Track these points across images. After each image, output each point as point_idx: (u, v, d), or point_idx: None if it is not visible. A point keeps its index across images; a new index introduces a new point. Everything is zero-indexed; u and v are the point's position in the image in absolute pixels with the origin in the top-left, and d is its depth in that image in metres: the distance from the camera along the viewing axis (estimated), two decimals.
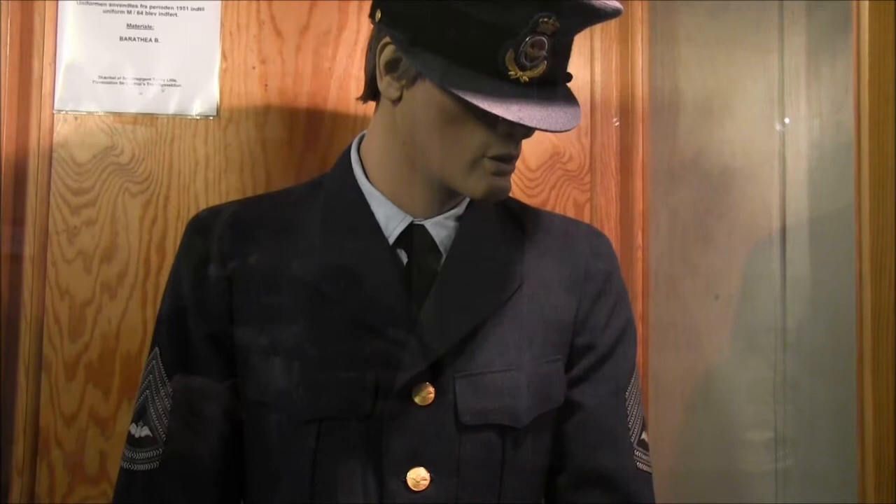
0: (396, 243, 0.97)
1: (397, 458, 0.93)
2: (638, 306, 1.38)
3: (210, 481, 0.99)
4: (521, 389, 0.96)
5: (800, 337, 1.27)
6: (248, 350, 0.97)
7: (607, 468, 1.02)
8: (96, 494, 1.29)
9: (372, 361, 0.93)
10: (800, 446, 1.27)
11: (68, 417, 1.30)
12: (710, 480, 1.36)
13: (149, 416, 0.99)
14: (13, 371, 1.29)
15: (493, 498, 0.97)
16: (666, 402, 1.40)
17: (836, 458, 1.20)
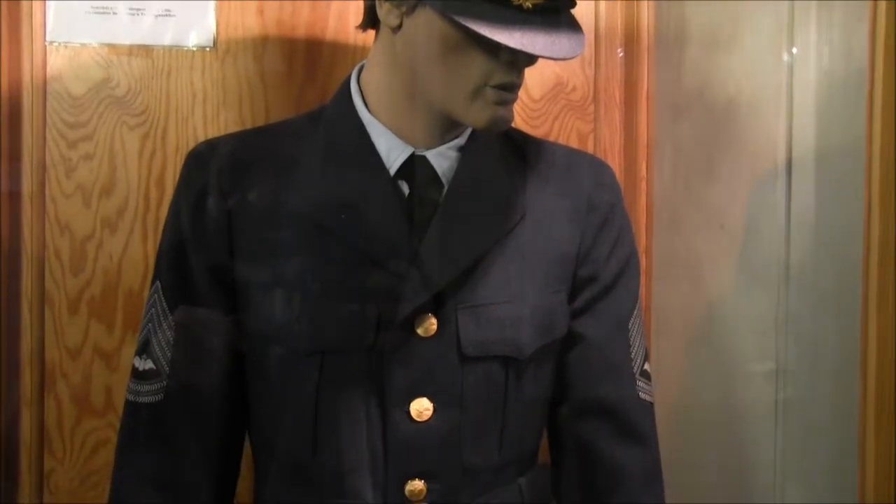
0: (398, 174, 0.96)
1: (400, 390, 0.93)
2: (641, 238, 1.37)
3: (214, 413, 0.99)
4: (524, 321, 0.96)
5: (803, 270, 1.27)
6: (248, 284, 0.97)
7: (609, 398, 1.03)
8: (103, 426, 1.30)
9: (374, 293, 0.93)
10: (800, 378, 1.27)
11: (73, 351, 1.30)
12: (710, 410, 1.37)
13: (152, 349, 0.99)
14: (16, 306, 1.29)
15: (496, 428, 0.97)
16: (668, 334, 1.40)
17: (836, 390, 1.21)
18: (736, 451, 1.34)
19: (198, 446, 0.98)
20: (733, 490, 1.34)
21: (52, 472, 1.30)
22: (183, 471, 0.98)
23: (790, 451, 1.27)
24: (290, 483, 0.99)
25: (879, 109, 0.97)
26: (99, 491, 1.30)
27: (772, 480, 1.29)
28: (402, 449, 0.94)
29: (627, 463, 1.02)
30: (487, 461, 0.97)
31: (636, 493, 1.02)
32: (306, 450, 0.96)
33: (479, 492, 0.98)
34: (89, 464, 1.30)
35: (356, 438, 0.94)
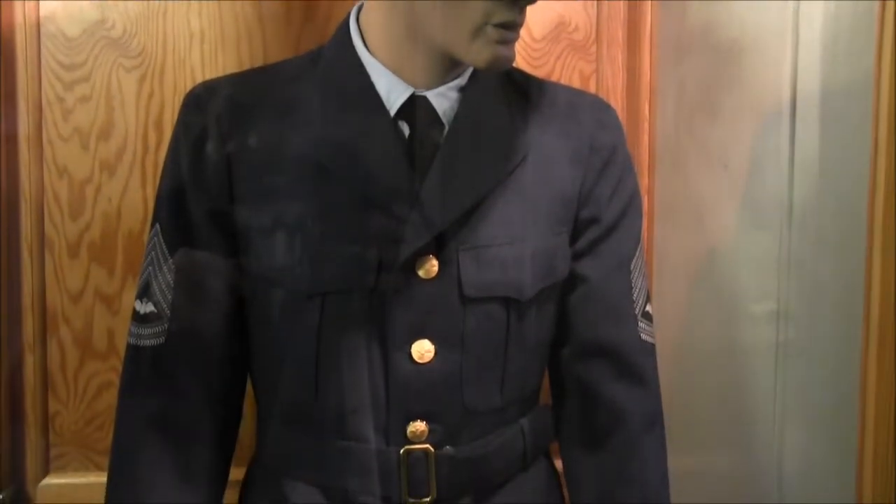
0: (398, 115, 0.95)
1: (401, 331, 0.93)
2: (644, 179, 1.36)
3: (215, 355, 1.00)
4: (525, 262, 0.96)
5: (806, 211, 1.26)
6: (249, 227, 0.97)
7: (611, 339, 1.03)
8: (106, 369, 1.31)
9: (375, 235, 0.92)
10: (801, 320, 1.27)
11: (74, 295, 1.31)
12: (711, 351, 1.37)
13: (152, 292, 0.99)
14: (16, 251, 1.29)
15: (498, 370, 0.98)
16: (670, 275, 1.40)
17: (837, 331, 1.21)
18: (736, 392, 1.34)
19: (200, 388, 0.99)
20: (733, 431, 1.35)
21: (57, 415, 1.31)
22: (185, 413, 0.99)
23: (790, 392, 1.28)
24: (292, 425, 0.99)
25: (889, 46, 0.96)
26: (103, 433, 1.31)
27: (771, 421, 1.30)
28: (404, 390, 0.94)
29: (628, 404, 1.03)
30: (489, 402, 0.98)
31: (637, 433, 1.03)
32: (308, 392, 0.96)
33: (480, 433, 0.99)
34: (93, 406, 1.32)
35: (358, 380, 0.95)
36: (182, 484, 0.98)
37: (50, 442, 1.32)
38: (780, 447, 1.29)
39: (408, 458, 0.95)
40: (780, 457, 1.29)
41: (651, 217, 1.38)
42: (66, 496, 1.31)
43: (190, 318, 0.98)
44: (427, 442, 0.96)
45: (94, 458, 1.32)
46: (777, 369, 1.30)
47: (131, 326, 1.00)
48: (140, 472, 0.98)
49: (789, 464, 1.28)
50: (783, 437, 1.29)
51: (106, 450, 1.07)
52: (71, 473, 1.32)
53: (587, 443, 1.05)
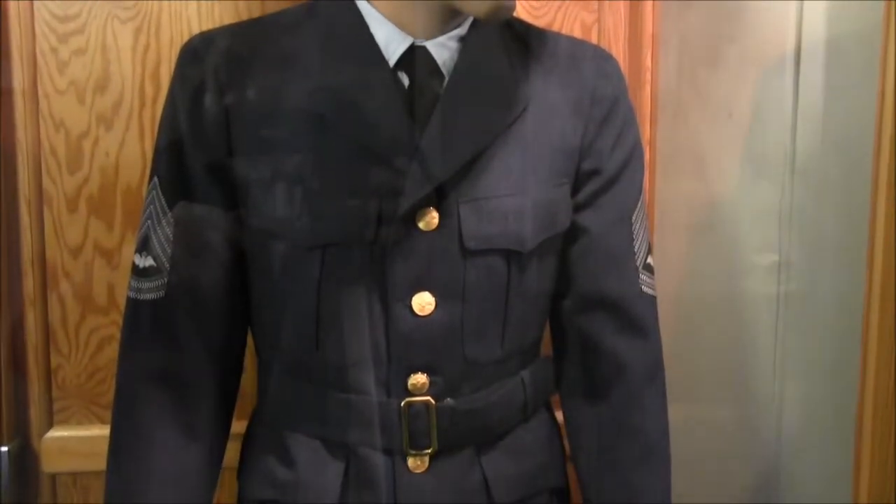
0: (397, 66, 0.94)
1: (402, 284, 0.93)
2: (646, 131, 1.35)
3: (216, 308, 1.00)
4: (526, 214, 0.95)
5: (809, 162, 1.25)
6: (248, 180, 0.96)
7: (612, 291, 1.03)
8: (107, 323, 1.31)
9: (375, 187, 0.92)
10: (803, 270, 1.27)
11: (74, 250, 1.30)
12: (712, 303, 1.37)
13: (151, 245, 0.98)
14: (15, 206, 1.28)
15: (499, 322, 0.98)
16: (671, 226, 1.40)
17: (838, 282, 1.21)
18: (737, 343, 1.35)
19: (200, 342, 0.99)
20: (733, 381, 1.36)
21: (59, 369, 1.32)
22: (186, 366, 0.99)
23: (790, 343, 1.28)
24: (293, 378, 1.00)
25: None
26: (105, 387, 1.32)
27: (771, 372, 1.31)
28: (405, 343, 0.95)
29: (629, 356, 1.03)
30: (489, 354, 0.98)
31: (637, 385, 1.03)
32: (308, 345, 0.96)
33: (481, 385, 0.99)
34: (95, 360, 1.32)
35: (358, 333, 0.95)
36: (184, 437, 0.99)
37: (53, 396, 1.32)
38: (780, 397, 1.30)
39: (409, 410, 0.96)
40: (780, 407, 1.30)
41: (653, 169, 1.37)
42: (70, 448, 1.32)
43: (190, 272, 0.98)
44: (428, 394, 0.96)
45: (96, 412, 1.33)
46: (778, 320, 1.30)
47: (131, 280, 1.00)
48: (141, 425, 0.98)
49: (788, 413, 1.29)
50: (783, 388, 1.30)
51: (108, 403, 1.08)
52: (74, 426, 1.33)
53: (588, 394, 1.05)
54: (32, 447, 1.33)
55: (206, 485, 1.02)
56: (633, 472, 1.03)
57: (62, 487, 1.34)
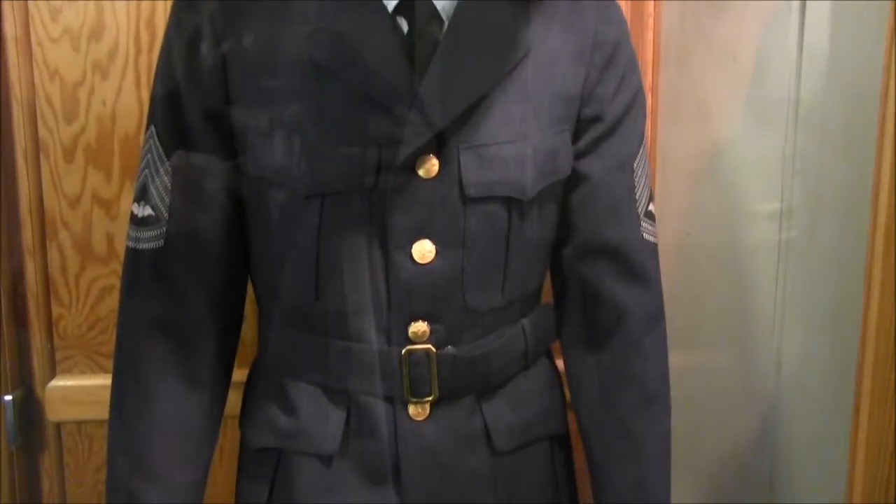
0: (396, 11, 0.92)
1: (402, 231, 0.93)
2: (648, 77, 1.34)
3: (215, 257, 0.99)
4: (527, 161, 0.95)
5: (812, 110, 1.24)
6: (246, 128, 0.95)
7: (613, 239, 1.02)
8: (107, 273, 1.31)
9: (374, 134, 0.91)
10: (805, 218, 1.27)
11: (72, 200, 1.30)
12: (713, 250, 1.37)
13: (150, 194, 0.98)
14: (11, 156, 1.27)
15: (499, 270, 0.98)
16: (673, 174, 1.39)
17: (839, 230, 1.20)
18: (738, 290, 1.35)
19: (200, 290, 0.99)
20: (734, 328, 1.36)
21: (60, 319, 1.32)
22: (186, 315, 0.99)
23: (791, 291, 1.28)
24: (293, 326, 1.00)
25: None
26: (107, 336, 1.32)
27: (771, 319, 1.31)
28: (405, 291, 0.94)
29: (630, 303, 1.03)
30: (490, 302, 0.98)
31: (638, 332, 1.03)
32: (309, 293, 0.96)
33: (482, 332, 0.99)
34: (96, 310, 1.32)
35: (359, 281, 0.95)
36: (185, 386, 0.99)
37: (55, 346, 1.33)
38: (780, 345, 1.30)
39: (409, 358, 0.96)
40: (780, 353, 1.30)
41: (655, 115, 1.36)
42: (74, 397, 1.33)
43: (188, 221, 0.98)
44: (429, 342, 0.96)
45: (98, 361, 1.33)
46: (779, 267, 1.30)
47: (129, 230, 1.00)
48: (143, 375, 0.99)
49: (788, 360, 1.29)
50: (783, 335, 1.30)
51: (110, 353, 1.08)
52: (77, 375, 1.34)
53: (588, 342, 1.06)
54: (36, 396, 1.33)
55: (208, 433, 1.03)
56: (634, 419, 1.03)
57: (67, 436, 1.36)
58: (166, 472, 0.99)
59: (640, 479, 1.03)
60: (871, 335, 0.97)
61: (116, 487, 0.99)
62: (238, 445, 1.09)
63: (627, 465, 1.03)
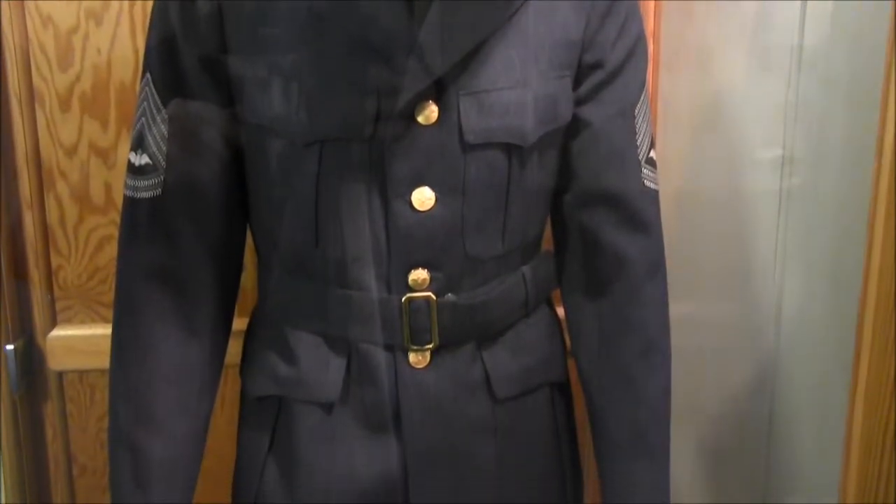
0: None
1: (401, 179, 0.92)
2: (650, 23, 1.32)
3: (213, 206, 0.99)
4: (527, 107, 0.94)
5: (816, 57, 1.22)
6: (243, 76, 0.94)
7: (614, 186, 1.02)
8: (106, 223, 1.31)
9: (373, 81, 0.90)
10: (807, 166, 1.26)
11: (69, 149, 1.29)
12: (714, 198, 1.36)
13: (147, 143, 0.97)
14: (6, 105, 1.26)
15: (499, 217, 0.97)
16: (674, 121, 1.38)
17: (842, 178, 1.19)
18: (738, 238, 1.34)
19: (199, 239, 0.98)
20: (734, 277, 1.36)
21: (60, 269, 1.32)
22: (185, 264, 0.98)
23: (793, 239, 1.28)
24: (293, 275, 1.00)
25: None
26: (107, 286, 1.32)
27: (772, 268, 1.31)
28: (405, 239, 0.94)
29: (630, 251, 1.03)
30: (490, 250, 0.98)
31: (639, 280, 1.03)
32: (308, 241, 0.96)
33: (482, 280, 0.99)
34: (95, 260, 1.32)
35: (358, 229, 0.94)
36: (185, 334, 0.99)
37: (55, 296, 1.33)
38: (780, 293, 1.30)
39: (409, 306, 0.96)
40: (780, 303, 1.30)
41: (656, 62, 1.34)
42: (75, 347, 1.33)
43: (186, 170, 0.97)
44: (429, 290, 0.96)
45: (99, 311, 1.34)
46: (780, 216, 1.29)
47: (127, 178, 0.99)
48: (143, 324, 0.99)
49: (788, 309, 1.29)
50: (783, 283, 1.30)
51: (110, 303, 1.08)
52: (78, 325, 1.34)
53: (589, 290, 1.05)
54: (38, 346, 1.34)
55: (208, 381, 1.03)
56: (633, 367, 1.04)
57: (69, 385, 1.37)
58: (167, 421, 1.00)
59: (639, 426, 1.04)
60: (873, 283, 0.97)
61: (118, 436, 1.00)
62: (239, 394, 1.10)
63: (627, 413, 1.04)
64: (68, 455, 1.39)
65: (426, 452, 0.99)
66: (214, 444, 1.13)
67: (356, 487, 1.00)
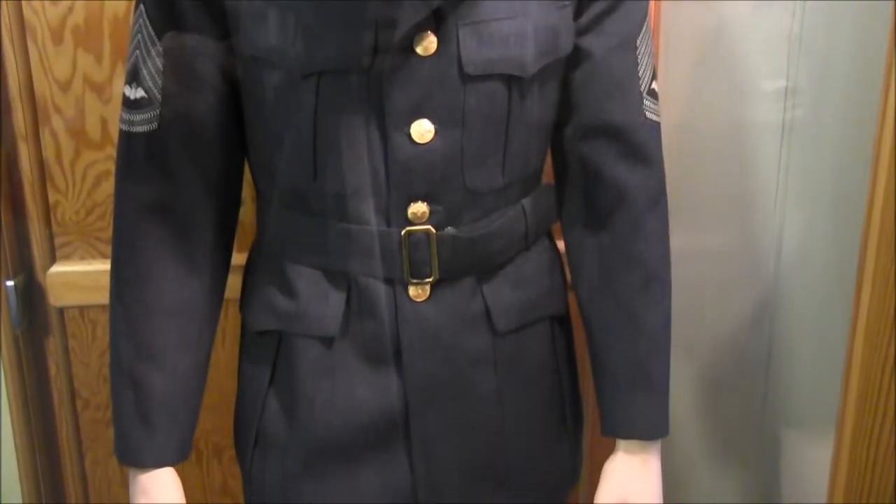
0: None
1: (400, 111, 0.91)
2: None
3: (210, 139, 0.98)
4: (527, 38, 0.92)
5: None
6: (238, 6, 0.92)
7: (615, 117, 1.00)
8: (103, 158, 1.30)
9: (371, 11, 0.88)
10: (811, 97, 1.25)
11: (63, 84, 1.27)
12: (717, 129, 1.36)
13: (141, 76, 0.95)
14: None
15: (499, 149, 0.96)
16: (676, 52, 1.36)
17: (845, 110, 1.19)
18: (740, 170, 1.34)
19: (196, 173, 0.97)
20: (735, 209, 1.36)
21: (58, 205, 1.31)
22: (182, 198, 0.98)
23: (795, 171, 1.27)
24: (292, 209, 0.99)
25: None
26: (105, 222, 1.32)
27: (773, 201, 1.31)
28: (404, 171, 0.93)
29: (631, 182, 1.02)
30: (490, 182, 0.97)
31: (639, 212, 1.03)
32: (307, 174, 0.95)
33: (481, 213, 0.98)
34: (93, 196, 1.31)
35: (357, 162, 0.93)
36: (184, 269, 0.99)
37: (53, 232, 1.32)
38: (781, 226, 1.30)
39: (409, 240, 0.96)
40: (781, 235, 1.30)
41: None
42: (75, 283, 1.33)
43: (182, 103, 0.95)
44: (428, 223, 0.96)
45: (98, 247, 1.33)
46: (783, 147, 1.28)
47: (122, 112, 0.98)
48: (141, 259, 0.98)
49: (789, 241, 1.30)
50: (784, 216, 1.30)
51: (109, 239, 1.07)
52: (77, 261, 1.34)
53: (589, 222, 1.05)
54: (38, 282, 1.34)
55: (208, 316, 1.03)
56: (634, 300, 1.04)
57: (70, 321, 1.37)
58: (168, 356, 1.00)
59: (639, 358, 1.04)
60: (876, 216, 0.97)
61: (120, 372, 1.00)
62: (240, 329, 1.10)
63: (627, 345, 1.04)
64: (72, 390, 1.40)
65: (426, 385, 1.00)
66: (216, 378, 1.14)
67: (357, 420, 1.00)
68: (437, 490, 1.03)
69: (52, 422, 1.41)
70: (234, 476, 1.45)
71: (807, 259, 1.28)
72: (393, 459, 1.02)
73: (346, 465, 1.02)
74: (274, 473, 1.05)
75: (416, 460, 1.01)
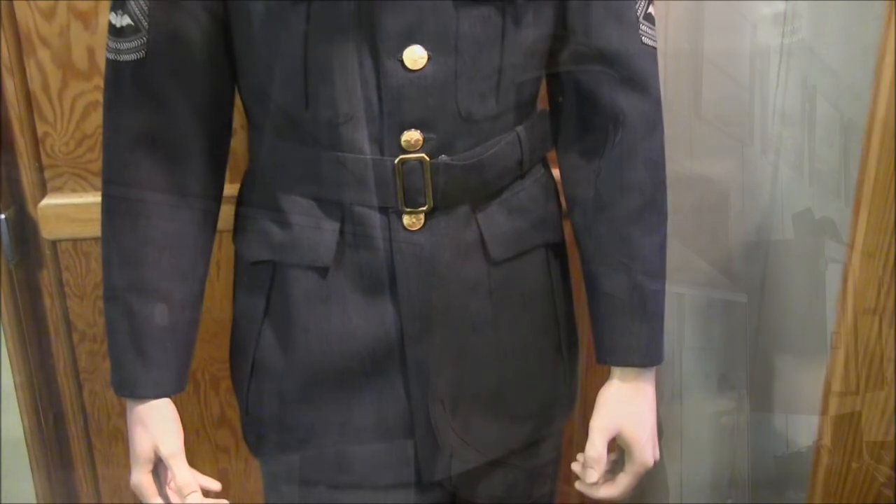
0: None
1: (392, 37, 0.89)
2: None
3: (199, 67, 0.96)
4: None
5: None
6: None
7: (611, 43, 0.98)
8: (90, 89, 1.28)
9: None
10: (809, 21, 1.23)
11: (47, 13, 1.24)
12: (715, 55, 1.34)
13: (127, 3, 0.93)
14: None
15: (493, 76, 0.94)
16: None
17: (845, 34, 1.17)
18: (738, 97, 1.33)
19: (185, 101, 0.96)
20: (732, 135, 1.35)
21: (47, 137, 1.30)
22: (173, 127, 0.96)
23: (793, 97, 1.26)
24: (284, 138, 0.98)
25: None
26: (95, 154, 1.30)
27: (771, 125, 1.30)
28: (397, 98, 0.92)
29: (628, 109, 1.00)
30: (484, 109, 0.96)
31: (636, 138, 1.01)
32: (298, 102, 0.93)
33: (476, 141, 0.97)
34: (82, 127, 1.29)
35: (349, 89, 0.91)
36: (176, 200, 0.98)
37: (43, 164, 1.31)
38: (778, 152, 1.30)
39: (403, 168, 0.94)
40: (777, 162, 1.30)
41: None
42: (67, 215, 1.32)
43: (170, 30, 0.93)
44: (422, 151, 0.94)
45: (88, 179, 1.32)
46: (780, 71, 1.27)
47: (108, 41, 0.95)
48: (132, 190, 0.97)
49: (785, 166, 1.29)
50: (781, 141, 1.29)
51: (99, 171, 1.06)
52: (68, 194, 1.33)
53: (585, 149, 1.04)
54: (30, 215, 1.33)
55: (201, 247, 1.03)
56: (630, 227, 1.03)
57: (64, 253, 1.36)
58: (162, 288, 1.00)
59: (635, 285, 1.04)
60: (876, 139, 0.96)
61: (114, 304, 1.00)
62: (234, 259, 1.10)
63: (623, 272, 1.04)
64: (67, 323, 1.40)
65: (421, 313, 1.00)
66: (212, 309, 1.14)
67: (352, 349, 1.01)
68: (432, 418, 1.03)
69: (49, 355, 1.42)
70: (231, 406, 1.47)
71: (804, 185, 1.27)
72: (389, 387, 1.02)
73: (343, 393, 1.02)
74: (270, 403, 1.06)
75: (412, 387, 1.02)
